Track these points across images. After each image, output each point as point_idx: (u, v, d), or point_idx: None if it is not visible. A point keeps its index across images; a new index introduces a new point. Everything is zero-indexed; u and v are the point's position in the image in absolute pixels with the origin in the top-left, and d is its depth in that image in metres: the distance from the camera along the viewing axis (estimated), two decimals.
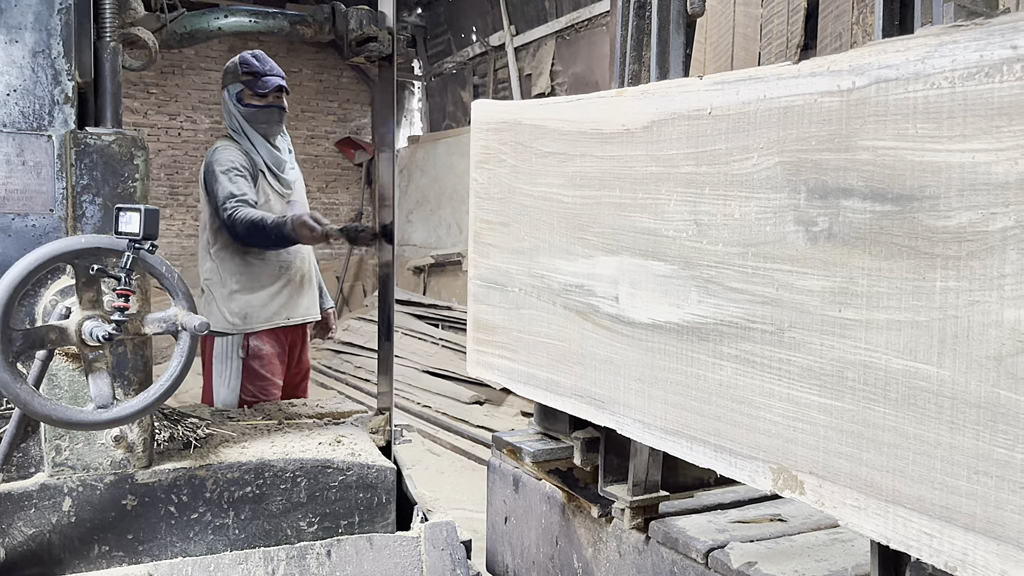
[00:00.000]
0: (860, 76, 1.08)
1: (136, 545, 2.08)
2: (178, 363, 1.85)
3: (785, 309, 1.19)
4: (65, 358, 1.95)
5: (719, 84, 1.30)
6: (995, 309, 0.94)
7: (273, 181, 3.17)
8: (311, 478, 2.24)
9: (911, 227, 1.03)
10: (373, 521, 2.31)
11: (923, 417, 1.02)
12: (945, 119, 0.99)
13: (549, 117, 1.68)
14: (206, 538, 2.15)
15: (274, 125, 3.18)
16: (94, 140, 1.97)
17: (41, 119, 1.93)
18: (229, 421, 2.58)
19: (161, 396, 1.83)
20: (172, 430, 2.28)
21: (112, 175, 1.98)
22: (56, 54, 1.94)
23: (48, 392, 1.92)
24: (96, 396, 1.80)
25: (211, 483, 2.15)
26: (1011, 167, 0.93)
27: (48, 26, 1.92)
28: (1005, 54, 0.93)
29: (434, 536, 2.24)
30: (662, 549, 1.82)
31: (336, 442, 2.40)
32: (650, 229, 1.43)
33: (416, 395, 7.00)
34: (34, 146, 1.93)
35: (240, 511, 2.18)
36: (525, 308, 1.77)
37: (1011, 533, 0.93)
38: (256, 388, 3.18)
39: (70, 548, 2.01)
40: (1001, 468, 0.94)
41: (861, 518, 1.09)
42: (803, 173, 1.16)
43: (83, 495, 2.01)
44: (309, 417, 2.71)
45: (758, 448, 1.23)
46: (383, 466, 2.33)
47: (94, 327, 1.78)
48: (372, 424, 2.68)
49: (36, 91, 1.92)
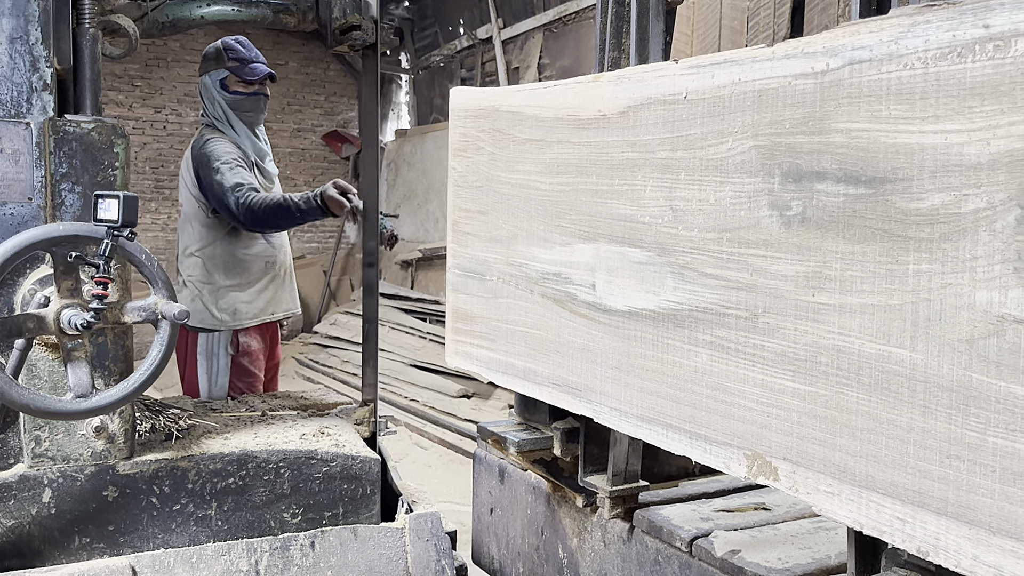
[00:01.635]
0: (834, 58, 1.07)
1: (117, 537, 2.06)
2: (158, 352, 1.83)
3: (759, 294, 1.18)
4: (44, 348, 1.93)
5: (694, 68, 1.28)
6: (967, 292, 0.93)
7: (258, 174, 3.12)
8: (295, 469, 2.22)
9: (884, 210, 1.02)
10: (357, 512, 2.30)
11: (896, 401, 1.01)
12: (918, 100, 0.98)
13: (526, 103, 1.66)
14: (188, 530, 2.13)
15: (259, 114, 3.12)
16: (73, 128, 1.95)
17: (19, 106, 1.91)
18: (212, 412, 2.56)
19: (141, 385, 1.82)
20: (154, 421, 2.26)
21: (92, 163, 1.96)
22: (34, 40, 1.91)
23: (28, 382, 1.90)
24: (75, 385, 1.78)
25: (193, 474, 2.13)
26: (983, 148, 0.92)
27: (26, 12, 1.90)
28: (977, 33, 0.92)
29: (419, 527, 2.22)
30: (646, 538, 1.82)
31: (320, 433, 2.38)
32: (626, 215, 1.41)
33: (403, 389, 6.99)
34: (12, 133, 1.90)
35: (223, 502, 2.16)
36: (503, 297, 1.75)
37: (983, 517, 0.93)
38: (245, 385, 3.16)
39: (50, 540, 1.99)
40: (973, 452, 0.93)
41: (834, 504, 1.08)
42: (777, 157, 1.15)
43: (63, 486, 1.99)
44: (293, 409, 2.69)
45: (732, 435, 1.23)
46: (367, 457, 2.31)
47: (72, 315, 1.76)
48: (357, 415, 2.67)
49: (14, 78, 1.90)
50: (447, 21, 9.87)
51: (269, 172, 3.18)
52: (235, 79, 3.02)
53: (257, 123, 3.14)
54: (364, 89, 2.56)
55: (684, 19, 5.29)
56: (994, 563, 0.92)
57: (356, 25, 2.54)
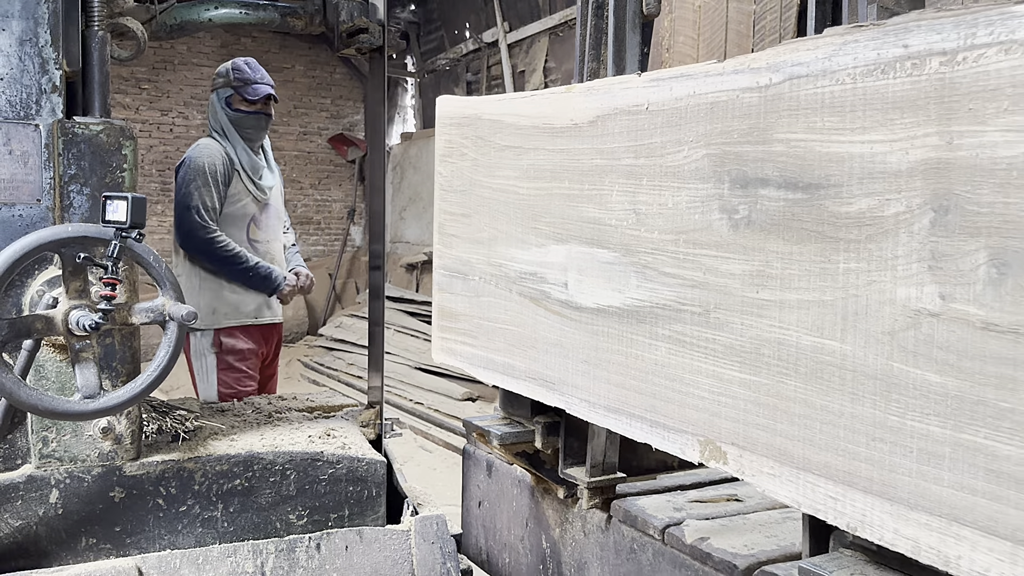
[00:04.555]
0: (776, 73, 1.16)
1: (124, 538, 2.06)
2: (165, 353, 1.85)
3: (711, 292, 1.27)
4: (52, 349, 1.95)
5: (655, 81, 1.37)
6: (889, 288, 1.02)
7: (249, 183, 3.28)
8: (301, 471, 2.23)
9: (818, 214, 1.10)
10: (363, 514, 2.30)
11: (828, 389, 1.09)
12: (848, 112, 1.07)
13: (506, 112, 1.76)
14: (195, 531, 2.13)
15: (260, 131, 3.31)
16: (82, 129, 1.96)
17: (28, 108, 1.92)
18: (218, 414, 2.59)
19: (148, 386, 1.83)
20: (160, 422, 2.27)
21: (100, 165, 1.97)
22: (43, 43, 1.92)
23: (35, 383, 1.92)
24: (83, 386, 1.79)
25: (200, 476, 2.13)
26: (903, 156, 1.01)
27: (35, 14, 1.91)
28: (898, 52, 1.01)
29: (424, 530, 2.23)
30: (623, 527, 1.90)
31: (326, 435, 2.39)
32: (595, 218, 1.50)
33: (409, 392, 7.06)
34: (21, 135, 1.91)
35: (229, 504, 2.16)
36: (484, 296, 1.85)
37: (902, 494, 1.01)
38: (232, 380, 3.26)
39: (57, 540, 2.00)
40: (894, 435, 1.02)
41: (776, 485, 1.17)
42: (727, 164, 1.24)
43: (70, 487, 2.00)
44: (299, 411, 2.71)
45: (687, 422, 1.31)
46: (373, 459, 2.31)
47: (80, 316, 1.78)
48: (362, 418, 2.69)
49: (23, 80, 1.91)
50: (453, 25, 9.93)
51: (263, 185, 3.32)
52: (238, 98, 3.25)
53: (257, 140, 3.31)
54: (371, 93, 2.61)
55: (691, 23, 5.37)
56: (912, 536, 1.00)
57: (363, 28, 2.57)
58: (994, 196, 0.91)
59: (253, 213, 3.30)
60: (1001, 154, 0.91)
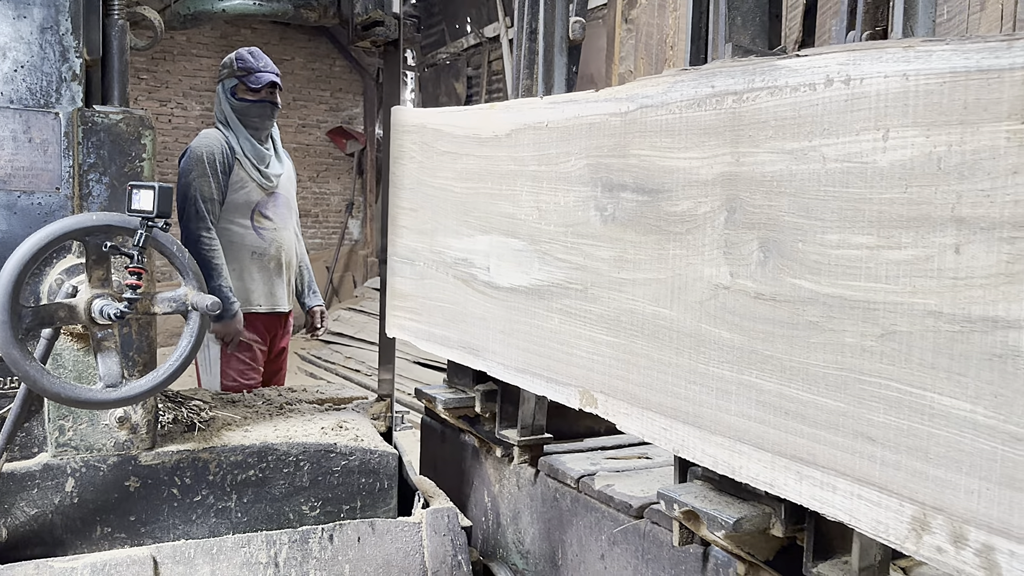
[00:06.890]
0: (631, 103, 1.50)
1: (139, 527, 2.07)
2: (187, 343, 1.84)
3: (588, 273, 1.60)
4: (70, 338, 1.95)
5: (552, 103, 1.71)
6: (699, 268, 1.36)
7: (253, 171, 3.29)
8: (314, 462, 2.24)
9: (657, 212, 1.44)
10: (375, 506, 2.32)
11: (662, 345, 1.43)
12: (677, 135, 1.40)
13: (445, 123, 2.09)
14: (209, 521, 2.14)
15: (265, 120, 3.30)
16: (101, 118, 1.95)
17: (48, 96, 1.91)
18: (231, 405, 2.61)
19: (171, 376, 1.83)
20: (176, 412, 2.29)
21: (119, 154, 1.96)
22: (64, 31, 1.91)
23: (52, 371, 1.89)
24: (105, 375, 1.78)
25: (214, 466, 2.14)
26: (709, 169, 1.34)
27: (56, 2, 1.90)
28: (707, 91, 1.34)
29: (435, 522, 2.25)
30: (547, 479, 2.23)
31: (339, 427, 2.41)
32: (510, 214, 1.84)
33: (408, 386, 7.24)
34: (41, 123, 1.91)
35: (243, 494, 2.17)
36: (427, 279, 2.19)
37: (706, 423, 1.35)
38: (235, 372, 3.28)
39: (72, 529, 2.00)
40: (702, 378, 1.36)
41: (629, 422, 1.51)
42: (599, 172, 1.57)
43: (86, 476, 2.00)
44: (310, 403, 2.73)
45: (572, 377, 1.65)
46: (386, 451, 2.34)
47: (104, 305, 1.76)
48: (373, 410, 2.71)
49: (44, 68, 1.90)
50: (454, 19, 9.82)
51: (269, 173, 3.36)
52: (243, 87, 3.26)
53: (263, 129, 3.32)
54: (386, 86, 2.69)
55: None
56: (712, 453, 1.34)
57: (379, 21, 2.54)
58: (763, 200, 1.25)
59: (258, 200, 3.30)
60: (767, 169, 1.24)
